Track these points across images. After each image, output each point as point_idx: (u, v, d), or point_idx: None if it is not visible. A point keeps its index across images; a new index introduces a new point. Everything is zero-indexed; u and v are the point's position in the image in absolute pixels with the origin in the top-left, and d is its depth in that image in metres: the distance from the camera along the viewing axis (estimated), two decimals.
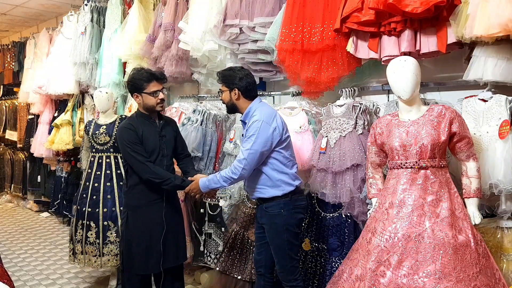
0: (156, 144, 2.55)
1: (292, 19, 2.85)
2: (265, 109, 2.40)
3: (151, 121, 2.59)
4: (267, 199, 2.41)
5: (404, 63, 2.08)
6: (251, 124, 2.33)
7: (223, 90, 2.47)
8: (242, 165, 2.30)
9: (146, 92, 2.50)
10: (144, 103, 2.54)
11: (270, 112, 2.39)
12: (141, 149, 2.49)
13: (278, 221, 2.39)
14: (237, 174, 2.32)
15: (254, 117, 2.34)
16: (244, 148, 2.32)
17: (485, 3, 2.07)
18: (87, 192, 3.41)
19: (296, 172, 2.47)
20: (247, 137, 2.33)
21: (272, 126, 2.33)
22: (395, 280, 1.94)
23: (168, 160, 2.61)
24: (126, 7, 4.49)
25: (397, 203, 2.07)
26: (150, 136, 2.54)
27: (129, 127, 2.52)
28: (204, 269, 3.63)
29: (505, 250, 2.20)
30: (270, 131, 2.32)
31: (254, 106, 2.42)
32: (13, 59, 6.64)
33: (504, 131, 2.14)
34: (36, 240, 4.99)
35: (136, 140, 2.49)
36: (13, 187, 6.85)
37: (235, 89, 2.41)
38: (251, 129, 2.32)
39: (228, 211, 3.43)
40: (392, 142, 2.14)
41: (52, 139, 5.14)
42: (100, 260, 3.35)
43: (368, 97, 2.97)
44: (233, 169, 2.33)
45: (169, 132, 2.65)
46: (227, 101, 2.47)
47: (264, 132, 2.30)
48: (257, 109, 2.39)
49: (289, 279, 2.44)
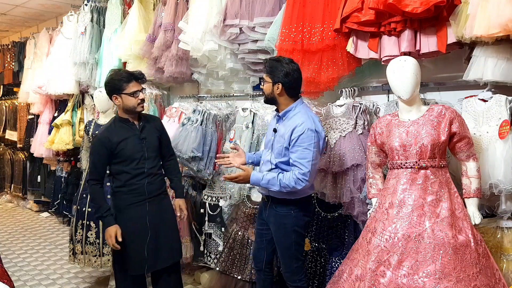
0: (136, 148, 2.50)
1: (292, 19, 2.85)
2: (311, 114, 2.31)
3: (129, 125, 2.53)
4: (279, 199, 2.38)
5: (404, 63, 2.08)
6: (304, 133, 2.19)
7: (266, 80, 2.33)
8: (307, 178, 2.20)
9: (126, 93, 2.45)
10: (124, 104, 2.48)
11: (316, 119, 2.30)
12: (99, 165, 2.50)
13: (287, 222, 2.37)
14: (301, 185, 2.20)
15: (303, 126, 2.20)
16: (305, 159, 2.19)
17: (485, 3, 2.07)
18: (87, 192, 3.41)
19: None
20: (302, 147, 2.20)
21: (322, 135, 2.27)
22: (395, 280, 1.94)
23: (151, 162, 2.55)
24: (126, 7, 4.49)
25: (397, 203, 2.07)
26: (128, 142, 2.49)
27: (101, 139, 2.50)
28: (204, 269, 3.64)
29: (505, 250, 2.20)
30: (322, 140, 2.27)
31: (297, 108, 2.32)
32: (13, 59, 6.64)
33: (504, 131, 2.14)
34: (36, 240, 5.00)
35: (101, 154, 2.47)
36: (13, 187, 6.85)
37: (278, 83, 2.28)
38: (306, 139, 2.19)
39: (228, 211, 3.43)
40: (392, 142, 2.14)
41: (52, 139, 5.13)
42: (100, 260, 3.36)
43: (368, 97, 2.97)
44: (296, 180, 2.19)
45: (150, 133, 2.59)
46: (268, 93, 2.34)
47: (318, 141, 2.22)
48: (301, 113, 2.28)
49: (294, 280, 2.44)
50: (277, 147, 2.34)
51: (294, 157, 2.24)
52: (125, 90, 2.45)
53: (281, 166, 2.34)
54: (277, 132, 2.37)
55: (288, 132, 2.26)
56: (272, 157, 2.38)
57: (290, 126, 2.26)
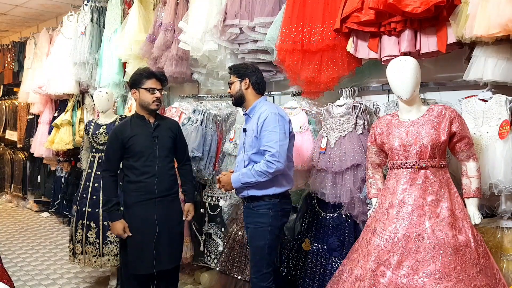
0: (147, 145, 2.56)
1: (292, 19, 2.85)
2: (273, 105, 2.45)
3: (144, 122, 2.61)
4: (256, 197, 2.38)
5: (404, 63, 2.08)
6: (268, 117, 2.30)
7: (233, 81, 2.49)
8: (276, 158, 2.24)
9: (144, 88, 2.55)
10: (140, 99, 2.58)
11: (279, 107, 2.45)
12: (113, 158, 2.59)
13: (263, 221, 2.38)
14: (272, 168, 2.25)
15: (266, 112, 2.33)
16: (273, 141, 2.27)
17: (485, 3, 2.07)
18: (87, 192, 3.41)
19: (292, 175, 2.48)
20: (267, 130, 2.29)
21: (286, 119, 2.36)
22: (395, 280, 1.94)
23: (161, 161, 2.59)
24: (126, 7, 4.49)
25: (397, 203, 2.07)
26: (140, 137, 2.56)
27: (115, 131, 2.61)
28: (204, 269, 3.64)
29: (505, 250, 2.20)
30: (287, 123, 2.35)
31: (261, 102, 2.45)
32: (13, 59, 6.64)
33: (504, 131, 2.14)
34: (36, 240, 5.00)
35: (115, 146, 2.57)
36: (13, 187, 6.85)
37: (246, 79, 2.45)
38: (270, 122, 2.29)
39: (228, 211, 3.43)
40: (392, 142, 2.14)
41: (52, 139, 5.14)
42: (100, 260, 3.35)
43: (368, 97, 2.97)
44: (267, 163, 2.26)
45: (164, 133, 2.64)
46: (236, 92, 2.48)
47: (283, 124, 2.31)
48: (265, 105, 2.42)
49: (261, 286, 2.39)
50: (248, 142, 2.42)
51: (262, 142, 2.32)
52: (144, 85, 2.56)
53: (253, 159, 2.38)
54: (246, 131, 2.47)
55: (254, 123, 2.38)
56: (244, 155, 2.44)
57: (256, 117, 2.39)
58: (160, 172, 2.58)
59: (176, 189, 2.71)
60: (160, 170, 2.58)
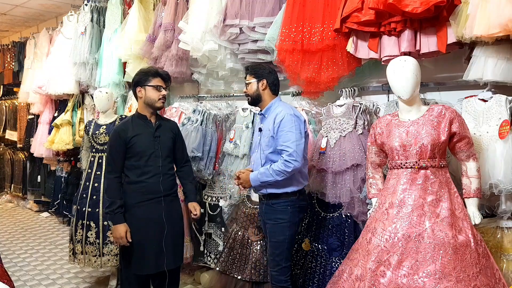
0: (149, 144, 2.57)
1: (292, 19, 2.85)
2: (288, 106, 2.49)
3: (146, 122, 2.61)
4: (275, 195, 2.44)
5: (404, 63, 2.08)
6: (284, 118, 2.35)
7: (250, 81, 2.53)
8: (293, 157, 2.30)
9: (150, 85, 2.56)
10: (146, 97, 2.57)
11: (294, 108, 2.49)
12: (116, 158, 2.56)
13: (283, 217, 2.45)
14: (290, 167, 2.30)
15: (282, 112, 2.38)
16: (289, 141, 2.32)
17: (485, 3, 2.07)
18: (87, 192, 3.41)
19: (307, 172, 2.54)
20: (284, 131, 2.34)
21: (301, 119, 2.41)
22: (395, 280, 1.94)
23: (163, 161, 2.60)
24: (126, 7, 4.49)
25: (397, 203, 2.07)
26: (141, 137, 2.56)
27: (118, 131, 2.59)
28: (204, 269, 3.64)
29: (505, 250, 2.20)
30: (302, 123, 2.39)
31: (277, 103, 2.50)
32: (13, 59, 6.64)
33: (504, 131, 2.14)
34: (36, 240, 5.00)
35: (118, 147, 2.55)
36: (13, 187, 6.85)
37: (263, 79, 2.49)
38: (287, 122, 2.35)
39: (228, 211, 3.43)
40: (392, 142, 2.14)
41: (52, 139, 5.13)
42: (100, 260, 3.35)
43: (368, 97, 2.97)
44: (284, 162, 2.31)
45: (165, 133, 2.66)
46: (252, 92, 2.52)
47: (298, 125, 2.36)
48: (280, 106, 2.47)
49: (281, 280, 2.47)
50: (264, 141, 2.46)
51: (279, 142, 2.37)
52: (150, 83, 2.57)
53: (270, 158, 2.43)
54: (262, 130, 2.52)
55: (271, 123, 2.43)
56: (261, 154, 2.48)
57: (272, 117, 2.44)
58: (163, 171, 2.59)
59: (175, 189, 2.71)
60: (162, 169, 2.59)
